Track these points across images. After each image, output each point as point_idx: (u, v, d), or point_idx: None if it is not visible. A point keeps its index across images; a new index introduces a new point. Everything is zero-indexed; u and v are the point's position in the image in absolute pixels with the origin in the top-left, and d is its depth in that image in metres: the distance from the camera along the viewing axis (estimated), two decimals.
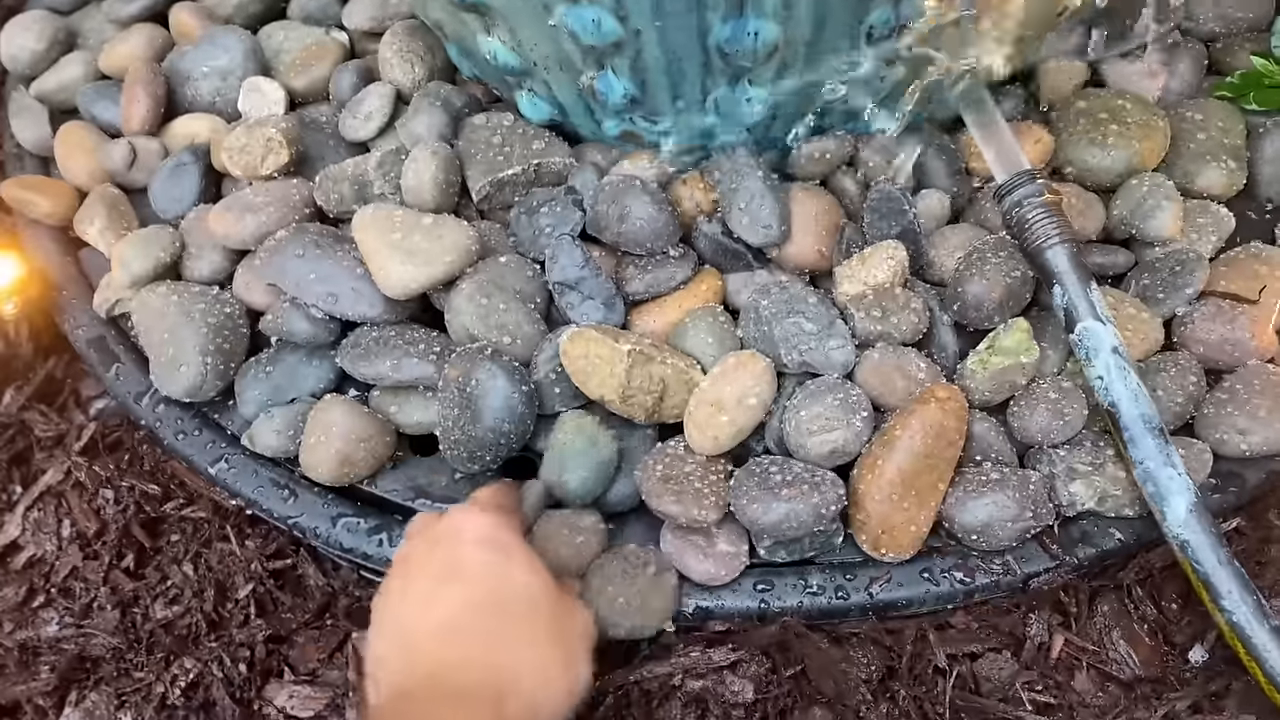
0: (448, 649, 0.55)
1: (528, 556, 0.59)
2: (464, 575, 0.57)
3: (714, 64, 0.75)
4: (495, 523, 0.60)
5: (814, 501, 0.68)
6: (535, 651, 0.55)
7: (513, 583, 0.57)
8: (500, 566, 0.57)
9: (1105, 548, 0.74)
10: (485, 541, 0.58)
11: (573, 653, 0.57)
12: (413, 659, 0.55)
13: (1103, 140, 0.87)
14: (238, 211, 0.84)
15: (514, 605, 0.56)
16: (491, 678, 0.53)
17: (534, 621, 0.56)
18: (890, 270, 0.78)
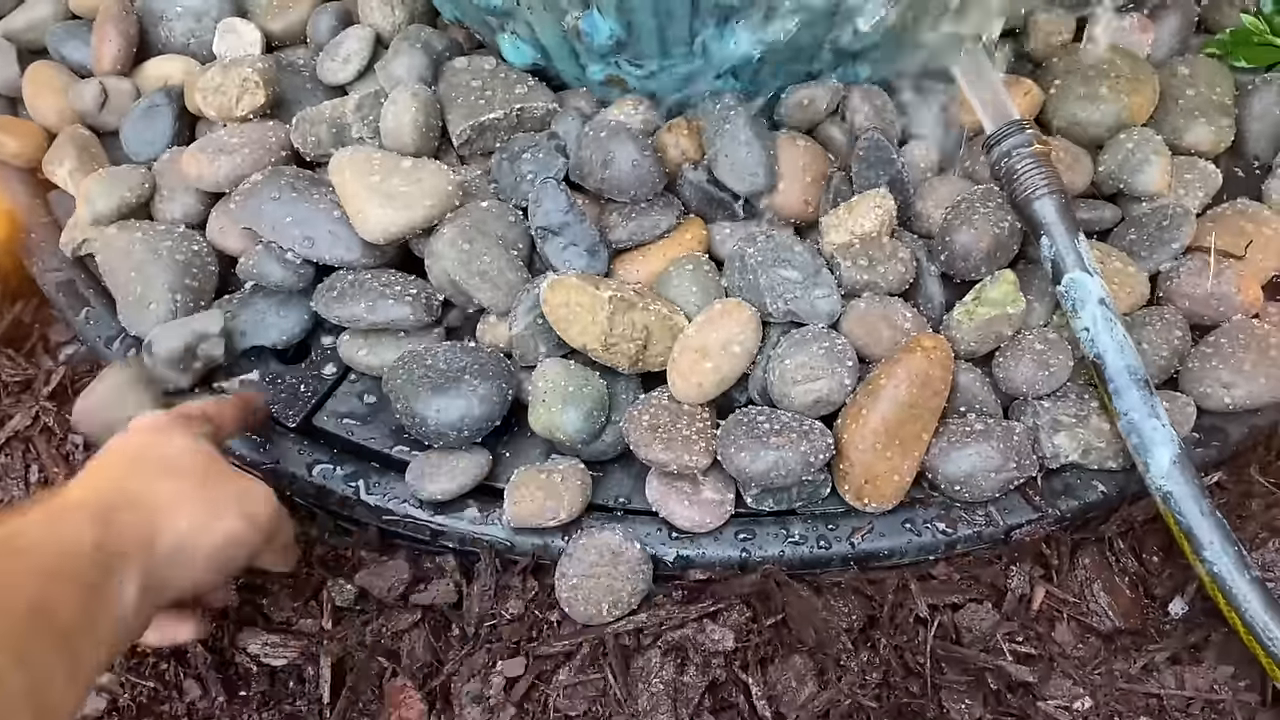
0: (80, 477, 0.59)
1: (186, 437, 0.63)
2: (124, 440, 0.63)
3: (703, 4, 0.73)
4: (168, 420, 0.65)
5: (802, 450, 0.67)
6: (165, 486, 0.58)
7: (164, 446, 0.61)
8: (156, 438, 0.62)
9: (1088, 500, 0.74)
10: (150, 428, 0.64)
11: (220, 502, 0.60)
12: (74, 486, 0.58)
13: (1092, 94, 0.86)
14: (212, 153, 0.82)
15: (157, 457, 0.61)
16: (102, 496, 0.56)
17: (173, 468, 0.60)
18: (877, 219, 0.77)
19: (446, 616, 0.74)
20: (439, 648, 0.73)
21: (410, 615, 0.74)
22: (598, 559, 0.71)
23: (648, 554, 0.72)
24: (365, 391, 0.80)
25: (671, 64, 0.81)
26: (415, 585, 0.75)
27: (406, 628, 0.74)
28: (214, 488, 0.60)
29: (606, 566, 0.71)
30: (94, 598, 0.51)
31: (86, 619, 0.50)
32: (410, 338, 0.78)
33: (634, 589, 0.71)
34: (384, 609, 0.75)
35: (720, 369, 0.71)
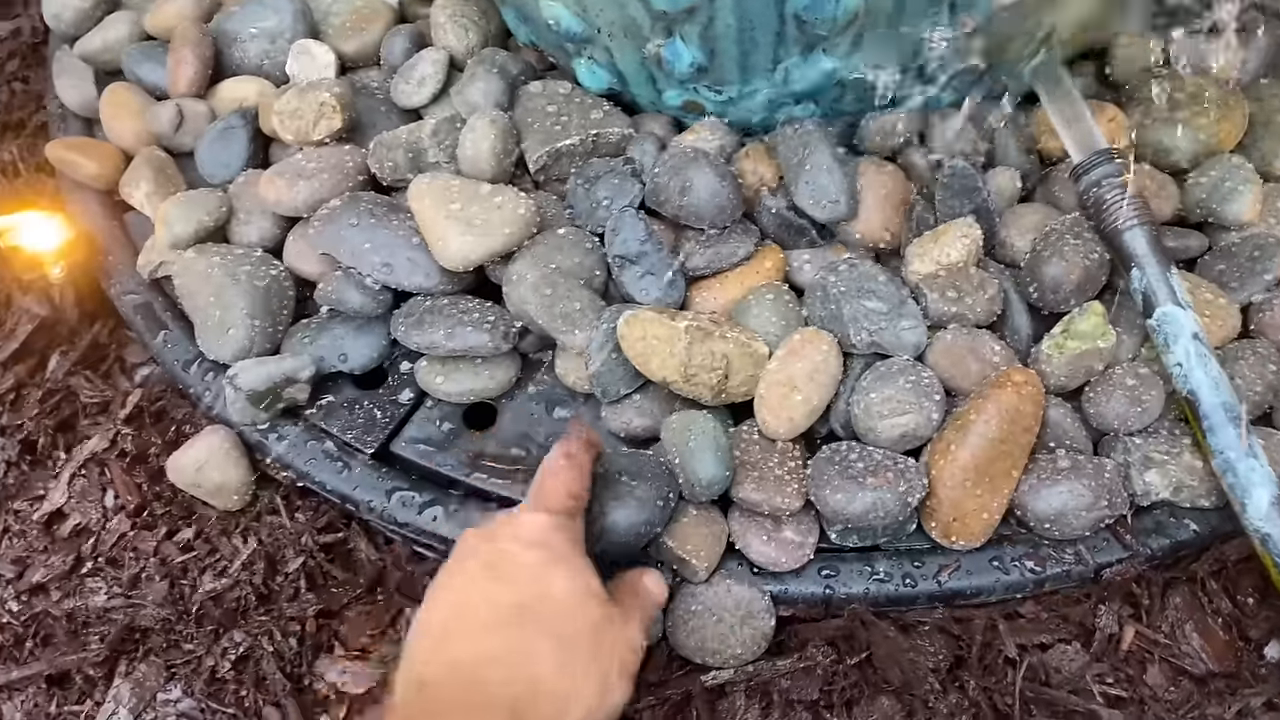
0: (474, 645, 0.53)
1: (577, 563, 0.57)
2: (505, 574, 0.55)
3: (789, 32, 0.72)
4: (551, 524, 0.58)
5: (900, 490, 0.66)
6: (564, 665, 0.53)
7: (551, 589, 0.55)
8: (544, 571, 0.55)
9: (1179, 539, 0.72)
10: (535, 544, 0.57)
11: (607, 672, 0.54)
12: (438, 649, 0.53)
13: (1178, 121, 0.84)
14: (290, 177, 0.82)
15: (551, 614, 0.54)
16: (513, 684, 0.51)
17: (569, 634, 0.54)
18: (964, 249, 0.76)
19: None
20: None
21: None
22: (721, 606, 0.70)
23: (773, 613, 0.70)
24: (442, 418, 0.80)
25: (752, 90, 0.80)
26: None
27: None
28: (603, 650, 0.55)
29: (730, 617, 0.70)
30: None
31: None
32: (487, 364, 0.78)
33: (754, 646, 0.70)
34: None
35: (810, 400, 0.70)
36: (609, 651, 0.55)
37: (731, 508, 0.72)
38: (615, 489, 0.68)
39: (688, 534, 0.70)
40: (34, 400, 0.87)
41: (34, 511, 0.82)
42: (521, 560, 0.56)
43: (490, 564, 0.56)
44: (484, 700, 0.50)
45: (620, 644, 0.56)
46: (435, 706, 0.50)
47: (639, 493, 0.68)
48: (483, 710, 0.50)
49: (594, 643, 0.54)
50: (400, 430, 0.79)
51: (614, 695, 0.54)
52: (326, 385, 0.81)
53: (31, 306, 0.90)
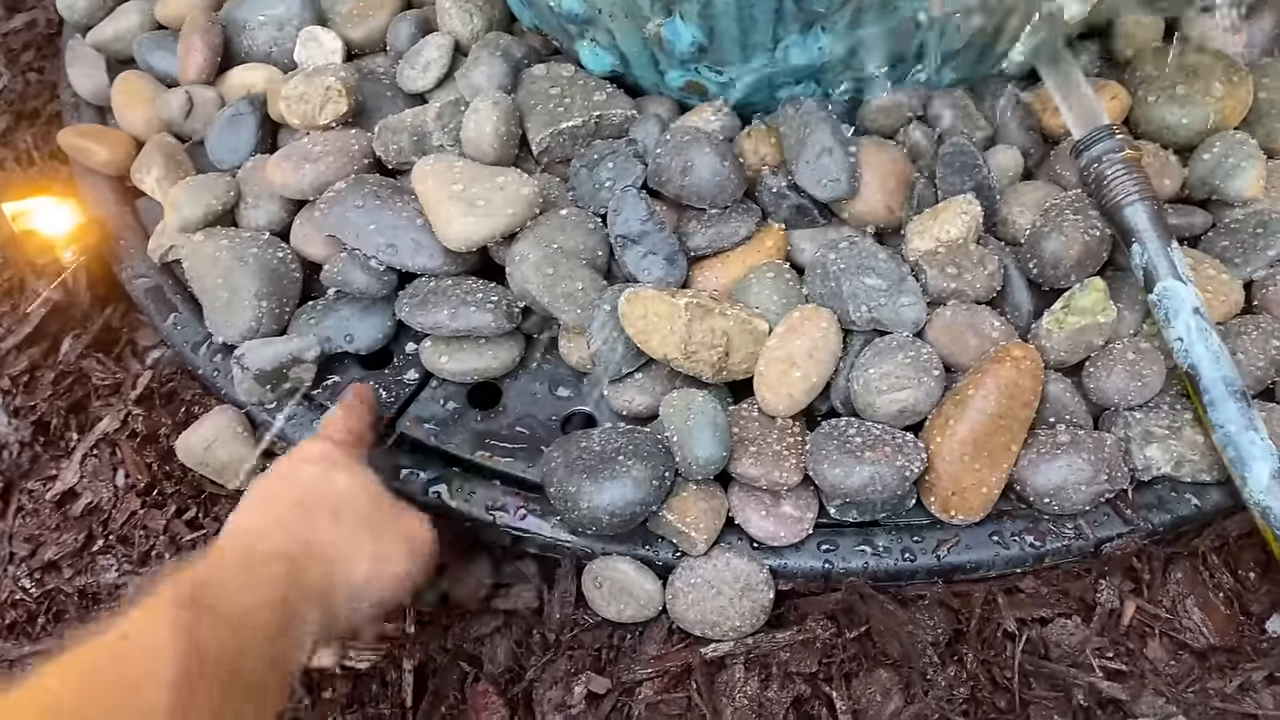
0: (258, 521, 0.61)
1: (353, 469, 0.65)
2: (291, 478, 0.64)
3: (787, 10, 0.73)
4: (331, 447, 0.67)
5: (898, 464, 0.67)
6: (336, 536, 0.60)
7: (331, 485, 0.63)
8: (322, 472, 0.64)
9: (1180, 514, 0.72)
10: (318, 458, 0.65)
11: (386, 546, 0.62)
12: (228, 534, 0.61)
13: (1182, 98, 0.84)
14: (296, 161, 0.83)
15: (328, 501, 0.62)
16: (285, 548, 0.58)
17: (345, 513, 0.62)
18: (964, 225, 0.76)
19: (528, 622, 0.74)
20: (520, 653, 0.73)
21: (493, 620, 0.74)
22: (720, 579, 0.70)
23: (772, 586, 0.71)
24: (447, 397, 0.80)
25: (753, 69, 0.80)
26: (497, 590, 0.75)
27: (488, 633, 0.74)
28: (383, 531, 0.62)
29: (730, 590, 0.70)
30: (279, 647, 0.54)
31: (272, 668, 0.53)
32: (491, 344, 0.79)
33: (753, 619, 0.70)
34: (466, 614, 0.75)
35: (809, 377, 0.71)
36: (389, 530, 0.63)
37: (731, 483, 0.72)
38: (611, 467, 0.68)
39: (687, 508, 0.70)
40: (47, 382, 0.89)
41: (47, 491, 0.84)
42: (305, 468, 0.65)
43: (276, 477, 0.65)
44: (265, 555, 0.57)
45: (404, 527, 0.64)
46: (217, 566, 0.56)
47: (635, 471, 0.68)
48: (264, 561, 0.57)
49: (371, 520, 0.62)
50: (406, 409, 0.80)
51: (392, 565, 0.61)
52: (333, 365, 0.82)
53: (45, 291, 0.92)
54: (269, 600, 0.54)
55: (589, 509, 0.68)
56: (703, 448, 0.69)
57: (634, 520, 0.69)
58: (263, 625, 0.53)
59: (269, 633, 0.53)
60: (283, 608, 0.55)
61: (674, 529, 0.69)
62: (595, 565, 0.72)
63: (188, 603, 0.50)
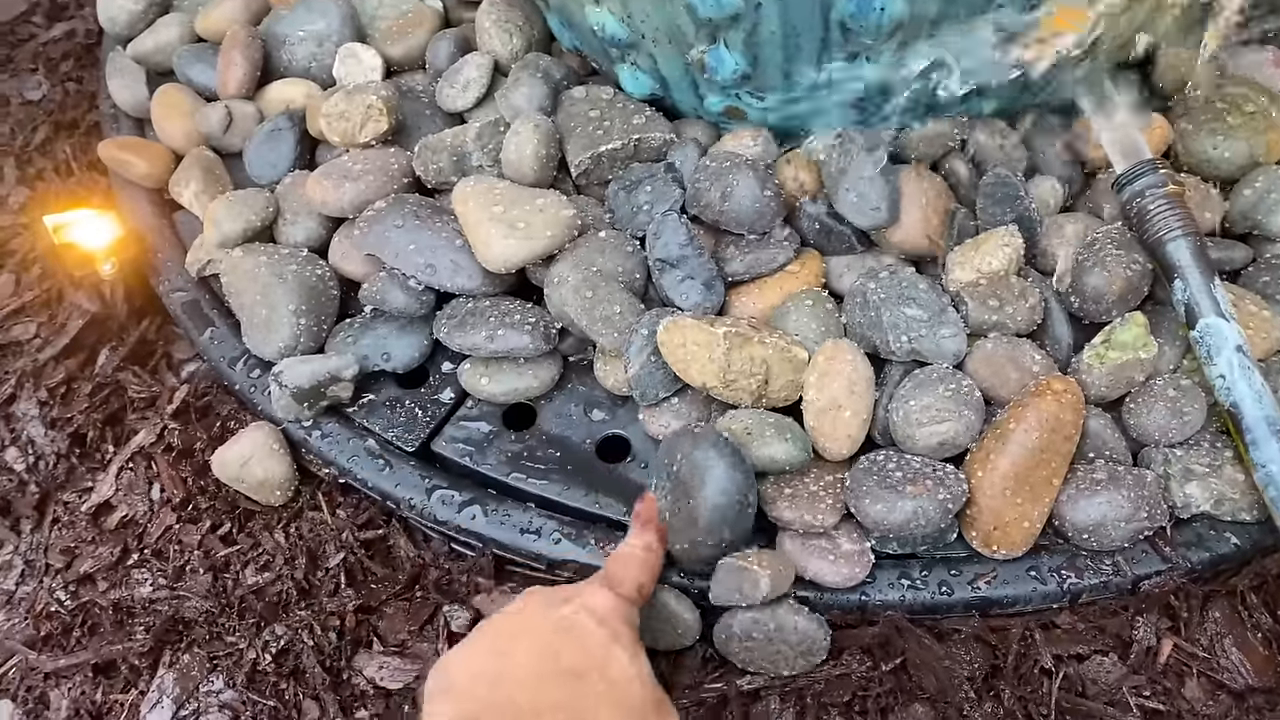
0: (534, 692, 0.53)
1: (638, 649, 0.58)
2: (573, 638, 0.56)
3: (833, 39, 0.73)
4: (620, 607, 0.59)
5: (940, 498, 0.66)
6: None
7: (613, 664, 0.55)
8: (610, 645, 0.56)
9: (1220, 552, 0.72)
10: (604, 620, 0.57)
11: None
12: (495, 689, 0.54)
13: (1224, 130, 0.83)
14: (336, 179, 0.84)
15: (611, 685, 0.55)
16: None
17: (625, 707, 0.54)
18: (1006, 258, 0.76)
19: None
20: None
21: None
22: (784, 638, 0.69)
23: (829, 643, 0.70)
24: (482, 418, 0.81)
25: (795, 97, 0.80)
26: None
27: None
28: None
29: (790, 650, 0.69)
30: None
31: None
32: (530, 365, 0.79)
33: (803, 668, 0.70)
34: None
35: (859, 413, 0.71)
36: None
37: (779, 535, 0.71)
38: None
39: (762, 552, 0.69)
40: (84, 394, 0.89)
41: (82, 503, 0.84)
42: (589, 629, 0.57)
43: (560, 625, 0.57)
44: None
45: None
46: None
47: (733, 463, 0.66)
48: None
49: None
50: (441, 429, 0.80)
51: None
52: (369, 384, 0.82)
53: (82, 302, 0.93)
54: None
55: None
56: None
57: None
58: None
59: None
60: None
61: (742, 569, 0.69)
62: None
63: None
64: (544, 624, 0.57)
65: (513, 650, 0.56)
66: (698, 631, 0.71)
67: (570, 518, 0.75)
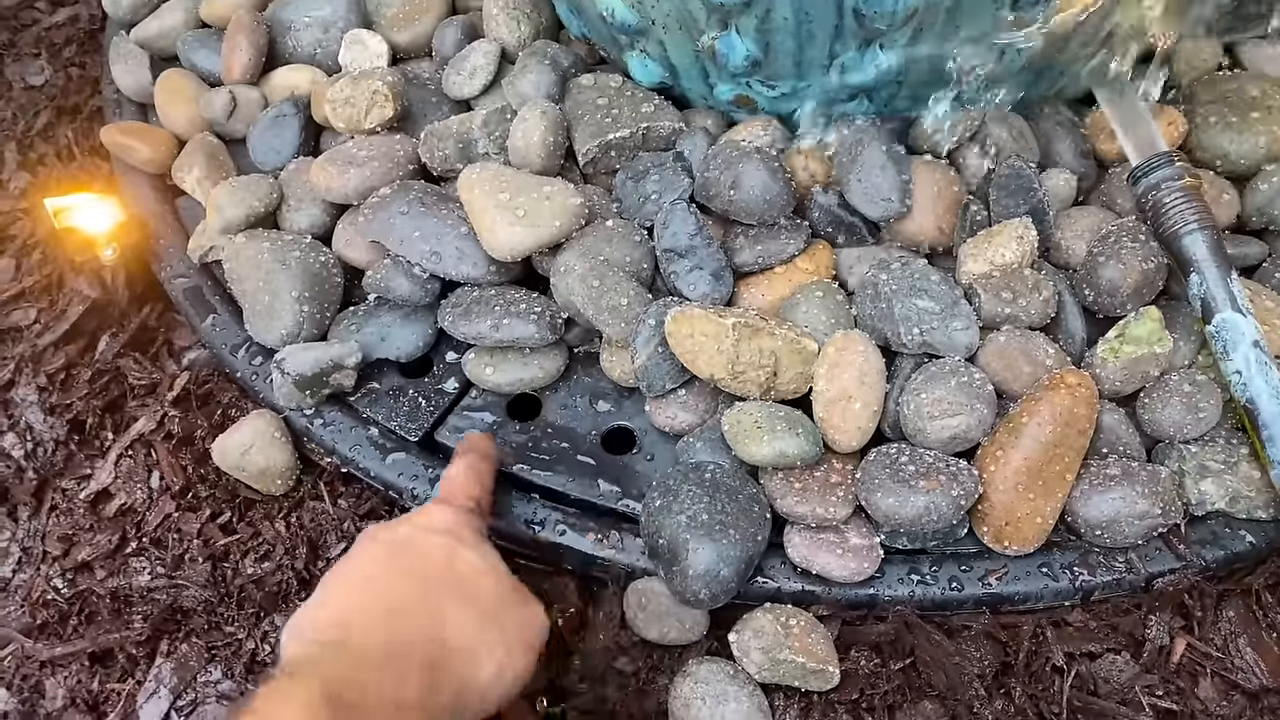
0: (386, 608, 0.56)
1: (482, 548, 0.61)
2: (413, 554, 0.59)
3: (847, 26, 0.72)
4: (455, 516, 0.62)
5: (953, 494, 0.65)
6: (470, 627, 0.56)
7: (461, 566, 0.59)
8: (451, 551, 0.59)
9: (1235, 550, 0.71)
10: (441, 530, 0.61)
11: (512, 641, 0.57)
12: (349, 616, 0.55)
13: (1240, 125, 0.82)
14: (341, 165, 0.83)
15: (460, 588, 0.58)
16: (426, 641, 0.54)
17: (475, 602, 0.57)
18: (1019, 250, 0.75)
19: (566, 641, 0.73)
20: (558, 671, 0.72)
21: None
22: (800, 663, 0.67)
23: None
24: (487, 408, 0.79)
25: (806, 85, 0.79)
26: None
27: None
28: (509, 624, 0.58)
29: (803, 671, 0.68)
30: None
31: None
32: (536, 355, 0.78)
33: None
34: None
35: (870, 404, 0.70)
36: (514, 622, 0.58)
37: (787, 530, 0.70)
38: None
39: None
40: (83, 381, 0.88)
41: (81, 490, 0.83)
42: (429, 542, 0.60)
43: (398, 546, 0.60)
44: (404, 650, 0.53)
45: (525, 618, 0.59)
46: (357, 661, 0.51)
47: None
48: (403, 659, 0.52)
49: (499, 612, 0.58)
50: (445, 419, 0.79)
51: (517, 663, 0.57)
52: (372, 372, 0.81)
53: (83, 288, 0.92)
54: (408, 705, 0.50)
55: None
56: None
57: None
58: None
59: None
60: (419, 714, 0.51)
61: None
62: (640, 586, 0.70)
63: (330, 703, 0.47)
64: (383, 549, 0.59)
65: (360, 578, 0.58)
66: (704, 627, 0.70)
67: (574, 509, 0.74)
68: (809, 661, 0.66)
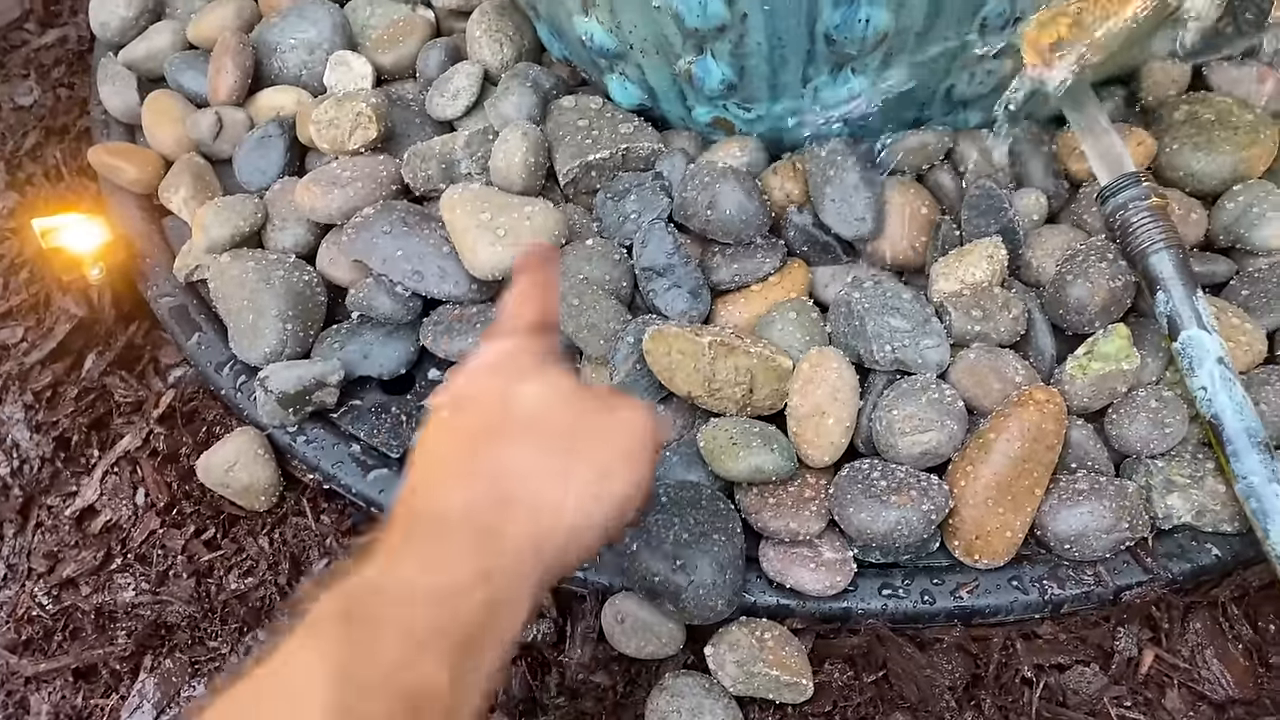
0: (436, 480, 0.48)
1: (543, 373, 0.52)
2: (464, 405, 0.51)
3: (819, 51, 0.73)
4: (508, 347, 0.54)
5: (924, 508, 0.67)
6: (543, 464, 0.48)
7: (519, 401, 0.50)
8: (503, 386, 0.51)
9: (1201, 563, 0.72)
10: (493, 370, 0.53)
11: (603, 462, 0.49)
12: (400, 506, 0.48)
13: (1208, 145, 0.84)
14: (325, 185, 0.84)
15: (519, 423, 0.49)
16: (480, 504, 0.46)
17: (544, 434, 0.49)
18: (989, 269, 0.76)
19: (544, 656, 0.74)
20: (535, 686, 0.73)
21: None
22: (775, 678, 0.68)
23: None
24: None
25: (781, 107, 0.81)
26: None
27: None
28: (595, 442, 0.50)
29: (776, 685, 0.69)
30: (483, 636, 0.43)
31: (473, 665, 0.42)
32: None
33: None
34: None
35: (842, 420, 0.71)
36: (602, 438, 0.50)
37: (762, 542, 0.72)
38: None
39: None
40: (70, 398, 0.89)
41: (66, 507, 0.84)
42: (483, 384, 0.52)
43: (455, 405, 0.52)
44: (443, 528, 0.46)
45: (612, 429, 0.51)
46: (391, 564, 0.44)
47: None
48: (444, 538, 0.45)
49: (575, 435, 0.50)
50: None
51: (614, 483, 0.49)
52: (355, 389, 0.82)
53: (70, 307, 0.93)
54: (461, 585, 0.43)
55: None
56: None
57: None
58: (455, 623, 0.42)
59: (467, 629, 0.42)
60: (484, 588, 0.43)
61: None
62: (618, 601, 0.71)
63: (344, 618, 0.41)
64: (441, 414, 0.52)
65: (419, 460, 0.50)
66: (681, 641, 0.71)
67: None
68: (783, 674, 0.67)
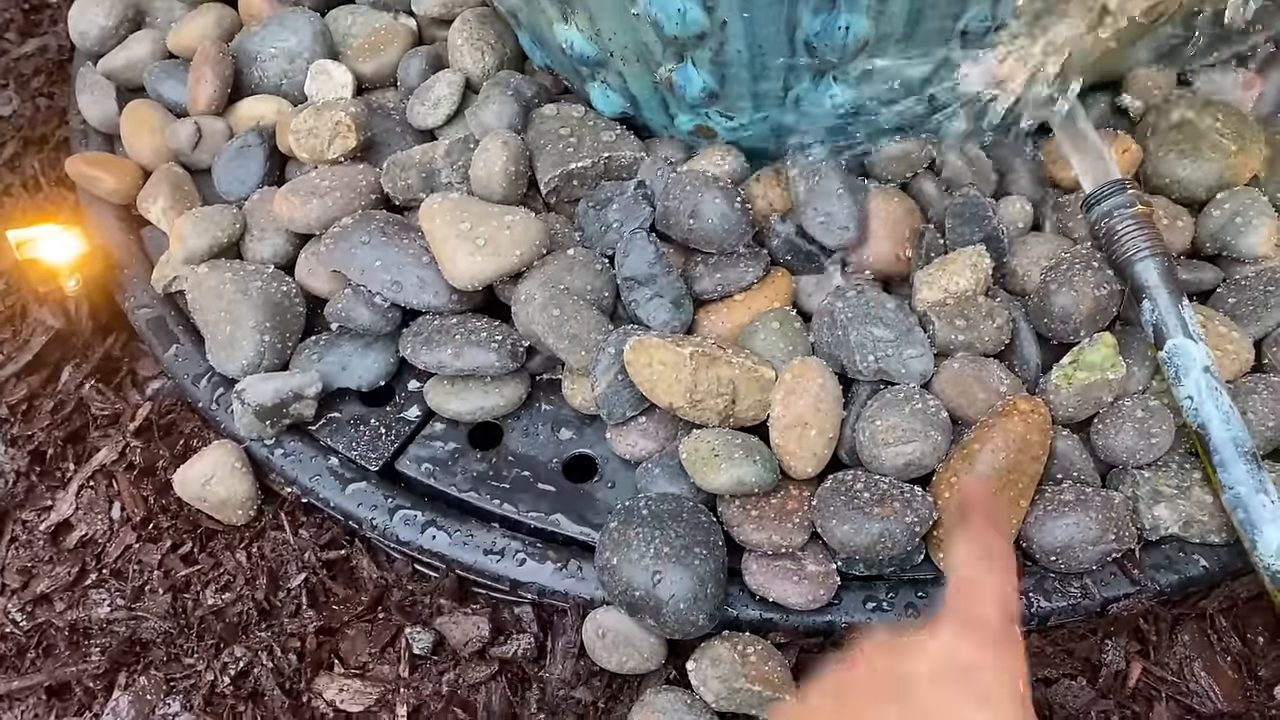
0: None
1: (1017, 702, 0.45)
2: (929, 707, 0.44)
3: (799, 59, 0.73)
4: (969, 646, 0.45)
5: (908, 520, 0.66)
6: None
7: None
8: (950, 708, 0.44)
9: (1188, 575, 0.71)
10: (948, 672, 0.45)
11: None
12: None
13: (1194, 152, 0.83)
14: (303, 195, 0.83)
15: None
16: None
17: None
18: (973, 278, 0.75)
19: (525, 671, 0.73)
20: (516, 702, 0.72)
21: (488, 668, 0.73)
22: (757, 694, 0.68)
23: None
24: (448, 437, 0.80)
25: (763, 116, 0.80)
26: (495, 638, 0.74)
27: (483, 680, 0.73)
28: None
29: (759, 697, 0.68)
30: None
31: None
32: (497, 383, 0.78)
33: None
34: (460, 660, 0.74)
35: (825, 431, 0.70)
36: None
37: (744, 558, 0.71)
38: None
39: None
40: (45, 411, 0.88)
41: (41, 522, 0.83)
42: (931, 702, 0.44)
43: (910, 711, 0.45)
44: None
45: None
46: None
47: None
48: None
49: None
50: (405, 448, 0.79)
51: None
52: (333, 401, 0.81)
53: (47, 318, 0.92)
54: None
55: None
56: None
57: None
58: None
59: None
60: None
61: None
62: (599, 615, 0.70)
63: None
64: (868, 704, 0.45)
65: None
66: (663, 656, 0.70)
67: (535, 538, 0.75)
68: (766, 690, 0.67)
